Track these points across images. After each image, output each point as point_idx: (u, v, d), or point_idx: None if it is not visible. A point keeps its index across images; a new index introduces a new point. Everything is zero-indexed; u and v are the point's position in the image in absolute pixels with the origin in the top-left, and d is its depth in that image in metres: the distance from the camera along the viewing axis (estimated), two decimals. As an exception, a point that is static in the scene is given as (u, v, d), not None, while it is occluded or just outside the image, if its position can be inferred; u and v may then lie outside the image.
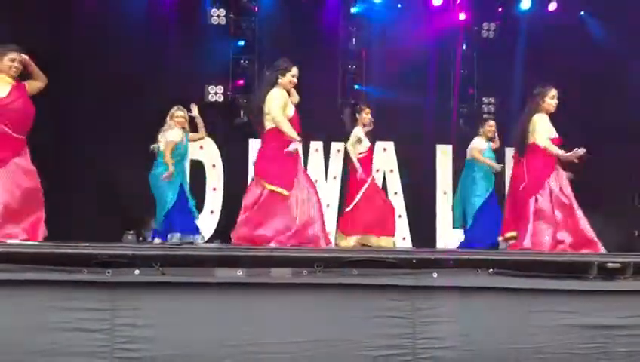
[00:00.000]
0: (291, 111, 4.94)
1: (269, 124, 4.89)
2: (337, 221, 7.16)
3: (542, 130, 5.15)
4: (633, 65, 7.58)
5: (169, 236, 5.78)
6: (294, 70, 4.97)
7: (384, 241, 6.47)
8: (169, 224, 5.80)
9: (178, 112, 5.98)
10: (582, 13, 8.63)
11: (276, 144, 4.86)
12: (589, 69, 8.02)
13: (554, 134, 5.21)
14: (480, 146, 6.64)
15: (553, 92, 5.24)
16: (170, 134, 5.87)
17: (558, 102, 5.25)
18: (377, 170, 6.66)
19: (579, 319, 3.36)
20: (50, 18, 7.41)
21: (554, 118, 5.33)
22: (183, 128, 6.03)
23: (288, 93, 5.00)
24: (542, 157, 5.16)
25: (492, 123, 6.82)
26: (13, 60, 4.50)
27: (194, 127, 6.28)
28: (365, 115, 6.56)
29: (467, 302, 3.35)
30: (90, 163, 7.60)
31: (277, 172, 4.82)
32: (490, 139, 6.72)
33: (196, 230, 5.95)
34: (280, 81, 4.93)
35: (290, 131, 4.82)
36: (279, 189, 4.77)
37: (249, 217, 4.83)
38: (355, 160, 6.45)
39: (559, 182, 5.14)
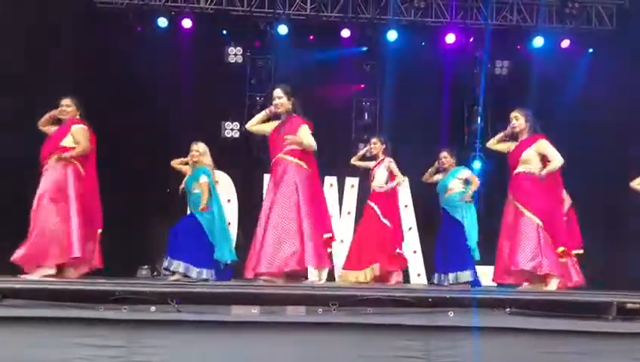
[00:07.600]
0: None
1: None
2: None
3: None
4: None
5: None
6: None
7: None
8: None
9: (192, 146, 6.04)
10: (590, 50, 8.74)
11: None
12: (603, 104, 8.03)
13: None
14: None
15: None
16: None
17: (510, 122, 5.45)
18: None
19: (597, 361, 3.30)
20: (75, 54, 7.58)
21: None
22: (195, 163, 6.03)
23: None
24: None
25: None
26: None
27: None
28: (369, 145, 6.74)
29: (483, 343, 3.30)
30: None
31: None
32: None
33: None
34: None
35: None
36: None
37: None
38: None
39: None
